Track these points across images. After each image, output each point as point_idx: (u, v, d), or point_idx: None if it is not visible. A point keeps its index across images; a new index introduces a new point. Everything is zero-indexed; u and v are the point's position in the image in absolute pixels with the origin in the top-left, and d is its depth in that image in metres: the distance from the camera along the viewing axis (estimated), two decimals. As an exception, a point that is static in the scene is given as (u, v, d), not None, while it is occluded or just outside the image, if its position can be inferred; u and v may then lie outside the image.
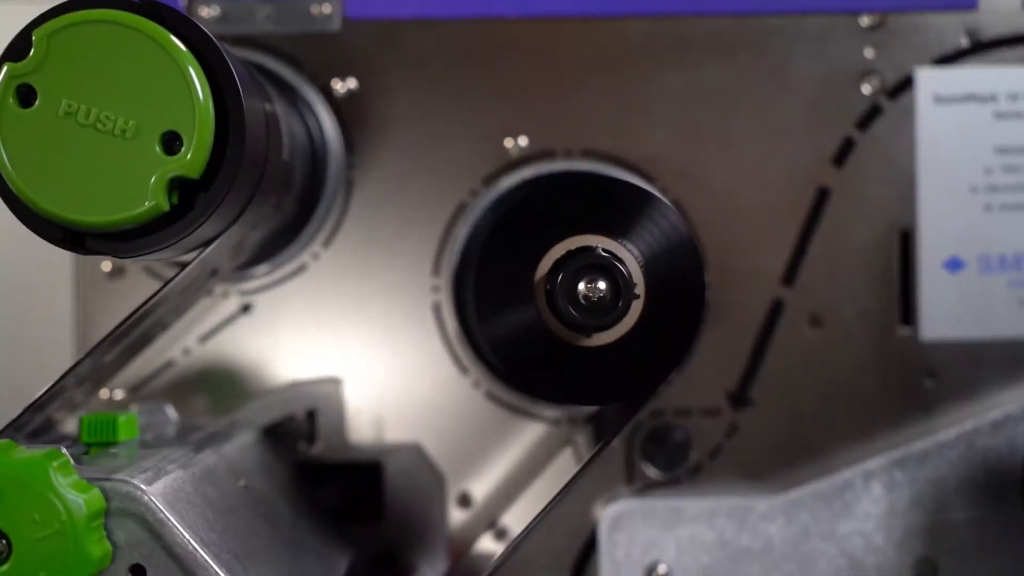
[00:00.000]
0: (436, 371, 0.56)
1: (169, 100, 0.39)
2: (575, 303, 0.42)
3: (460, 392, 0.56)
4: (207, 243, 0.44)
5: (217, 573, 0.40)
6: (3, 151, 0.39)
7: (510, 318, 0.45)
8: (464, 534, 0.57)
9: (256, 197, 0.44)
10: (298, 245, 0.55)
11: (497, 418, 0.56)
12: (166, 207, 0.39)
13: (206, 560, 0.40)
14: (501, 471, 0.56)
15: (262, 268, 0.56)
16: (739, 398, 0.56)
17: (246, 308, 0.56)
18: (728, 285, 0.56)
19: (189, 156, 0.39)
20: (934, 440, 0.55)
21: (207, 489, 0.44)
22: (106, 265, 0.56)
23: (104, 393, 0.56)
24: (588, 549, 0.57)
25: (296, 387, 0.56)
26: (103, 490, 0.39)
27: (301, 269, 0.56)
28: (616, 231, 0.45)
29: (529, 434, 0.56)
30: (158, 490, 0.40)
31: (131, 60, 0.39)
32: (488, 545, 0.57)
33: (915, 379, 0.56)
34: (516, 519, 0.57)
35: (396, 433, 0.57)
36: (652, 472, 0.56)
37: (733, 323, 0.56)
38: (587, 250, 0.43)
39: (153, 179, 0.38)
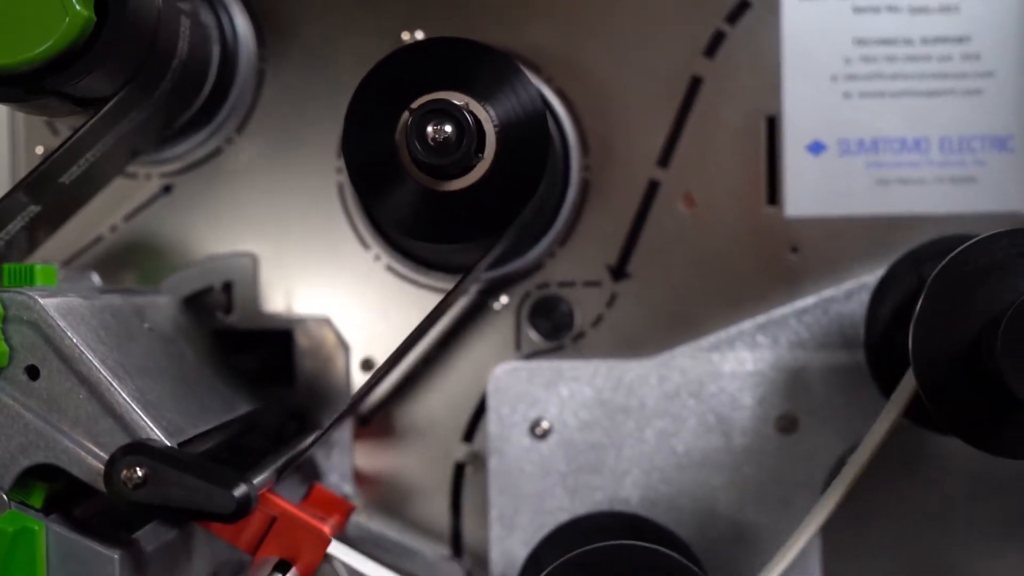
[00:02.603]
0: (341, 247, 0.62)
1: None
2: (424, 144, 0.47)
3: (363, 266, 0.62)
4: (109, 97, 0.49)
5: (100, 372, 0.45)
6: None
7: (380, 172, 0.50)
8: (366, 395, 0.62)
9: (151, 65, 0.50)
10: (212, 129, 0.61)
11: (396, 289, 0.61)
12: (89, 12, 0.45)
13: (91, 361, 0.45)
14: (400, 337, 0.61)
15: (180, 150, 0.61)
16: (618, 271, 0.61)
17: (167, 189, 0.62)
18: (608, 167, 0.61)
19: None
20: (793, 307, 0.60)
21: (106, 317, 0.49)
22: (39, 149, 0.61)
23: (38, 266, 0.61)
24: (480, 410, 0.62)
25: (213, 261, 0.61)
26: (1, 300, 0.45)
27: (217, 153, 0.61)
28: (475, 93, 0.50)
29: (425, 303, 0.61)
30: (52, 303, 0.45)
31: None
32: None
33: (780, 253, 0.61)
34: (411, 380, 0.62)
35: (305, 304, 0.62)
36: (538, 339, 0.61)
37: (612, 202, 0.61)
38: (441, 101, 0.48)
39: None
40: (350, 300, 0.62)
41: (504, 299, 0.61)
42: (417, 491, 0.62)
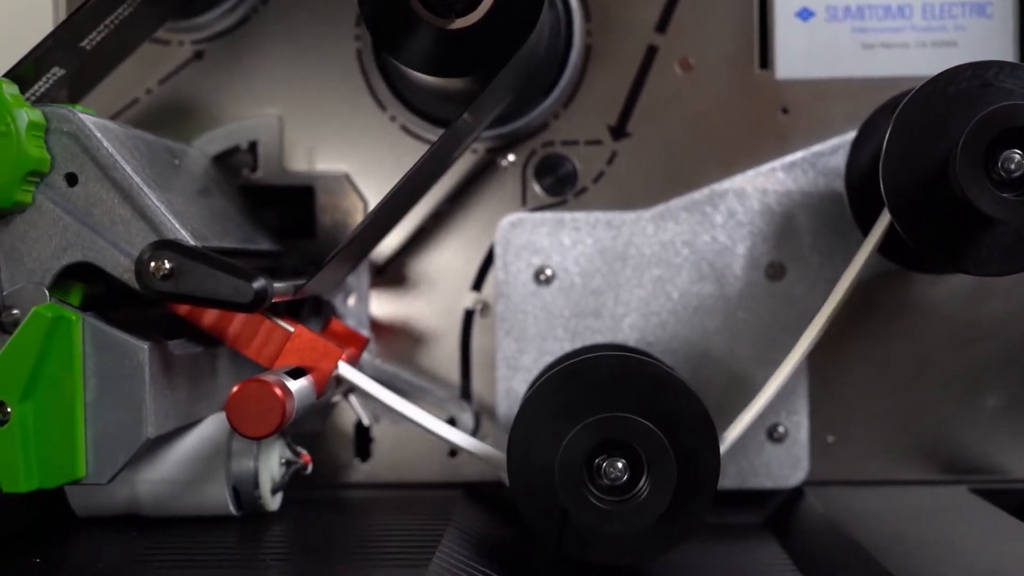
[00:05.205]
0: (359, 108, 0.66)
1: None
2: (435, -18, 0.51)
3: (379, 126, 0.66)
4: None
5: (133, 178, 0.49)
6: None
7: (392, 16, 0.54)
8: (382, 246, 0.66)
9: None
10: (238, -2, 0.65)
11: (410, 147, 0.66)
12: None
13: (125, 168, 0.49)
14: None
15: (209, 17, 0.65)
16: (618, 130, 0.65)
17: (198, 55, 0.66)
18: (609, 32, 0.65)
19: None
20: (782, 161, 0.64)
21: (139, 144, 0.53)
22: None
23: (79, 125, 0.66)
24: (488, 261, 0.66)
25: (240, 121, 0.66)
26: (44, 112, 0.49)
27: (244, 21, 0.66)
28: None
29: (437, 160, 0.65)
30: (89, 119, 0.50)
31: None
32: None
33: (771, 114, 0.65)
34: (424, 233, 0.66)
35: (326, 162, 0.66)
36: (543, 194, 0.66)
37: (613, 66, 0.65)
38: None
39: None
40: (368, 158, 0.66)
41: (511, 157, 0.66)
42: (429, 337, 0.66)
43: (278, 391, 0.49)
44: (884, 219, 0.56)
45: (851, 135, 0.63)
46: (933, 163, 0.52)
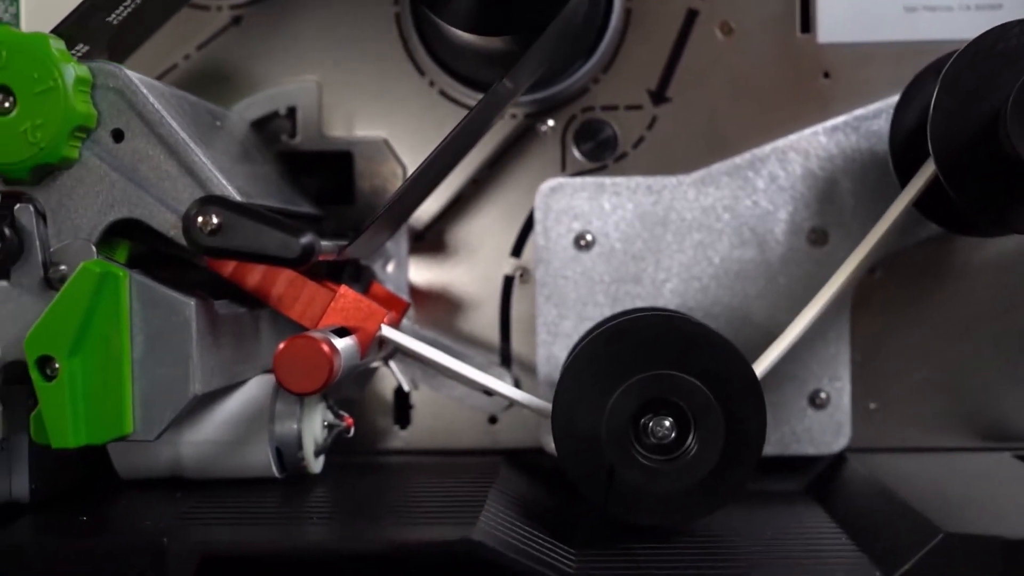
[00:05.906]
0: (398, 74, 0.66)
1: None
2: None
3: (418, 91, 0.66)
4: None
5: (179, 134, 0.49)
6: None
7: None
8: (420, 212, 0.66)
9: None
10: (277, -34, 0.65)
11: (449, 112, 0.66)
12: None
13: (171, 124, 0.49)
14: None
15: (248, -16, 0.66)
16: (658, 95, 0.65)
17: (236, 20, 0.66)
18: (649, -4, 0.65)
19: None
20: (824, 125, 0.63)
21: (183, 104, 0.53)
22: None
23: (118, 92, 0.65)
24: (527, 228, 0.66)
25: (279, 87, 0.66)
26: (90, 68, 0.49)
27: (283, -15, 0.66)
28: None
29: (476, 125, 0.65)
30: (136, 76, 0.50)
31: None
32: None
33: (812, 78, 0.64)
34: (463, 199, 0.66)
35: (364, 129, 0.66)
36: (583, 160, 0.65)
37: (653, 30, 0.65)
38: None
39: None
40: (406, 123, 0.66)
41: (550, 122, 0.65)
42: (468, 304, 0.66)
43: (325, 347, 0.49)
44: (926, 170, 0.55)
45: (894, 99, 0.62)
46: (982, 121, 0.52)
